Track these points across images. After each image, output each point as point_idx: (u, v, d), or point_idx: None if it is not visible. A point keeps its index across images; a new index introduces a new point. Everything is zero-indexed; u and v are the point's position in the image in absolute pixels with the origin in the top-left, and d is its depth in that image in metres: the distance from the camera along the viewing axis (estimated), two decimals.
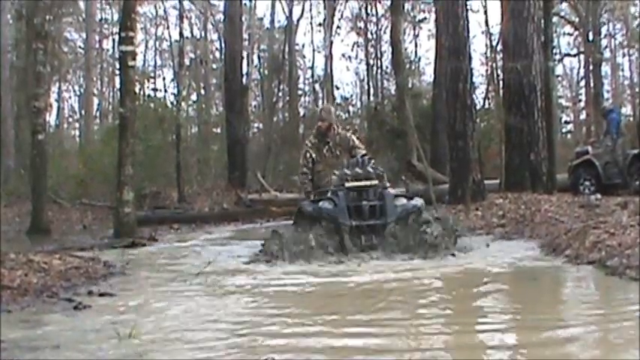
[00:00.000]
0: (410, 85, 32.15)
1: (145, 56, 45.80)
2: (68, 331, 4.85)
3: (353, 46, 42.71)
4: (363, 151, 10.66)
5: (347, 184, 9.41)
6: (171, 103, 31.84)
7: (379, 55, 40.44)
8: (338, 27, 41.36)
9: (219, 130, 37.89)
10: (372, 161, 10.15)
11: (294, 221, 9.83)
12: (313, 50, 43.07)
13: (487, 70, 32.99)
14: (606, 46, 42.11)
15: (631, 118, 35.13)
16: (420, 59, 43.65)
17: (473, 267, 7.72)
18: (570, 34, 42.05)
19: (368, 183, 9.44)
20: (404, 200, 9.52)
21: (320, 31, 41.96)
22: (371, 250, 8.84)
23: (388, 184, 9.85)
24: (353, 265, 8.16)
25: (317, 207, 9.34)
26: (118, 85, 20.88)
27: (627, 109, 40.61)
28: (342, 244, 8.87)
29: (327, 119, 10.84)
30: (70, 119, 49.45)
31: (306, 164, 10.49)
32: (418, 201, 9.73)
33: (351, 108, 42.70)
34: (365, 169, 9.65)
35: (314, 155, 10.48)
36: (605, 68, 41.94)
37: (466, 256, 8.58)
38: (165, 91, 42.18)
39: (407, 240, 8.92)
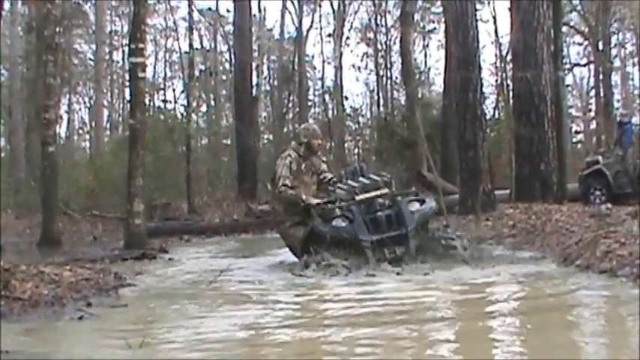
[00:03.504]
0: (420, 96, 32.18)
1: (154, 68, 46.07)
2: (78, 342, 4.85)
3: (363, 57, 42.84)
4: (331, 175, 10.16)
5: (357, 197, 9.01)
6: (181, 114, 31.94)
7: (389, 65, 40.50)
8: (347, 38, 41.59)
9: (229, 142, 37.96)
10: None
11: (303, 244, 9.20)
12: (323, 61, 43.23)
13: (497, 80, 33.09)
14: (616, 56, 42.07)
15: None
16: (429, 69, 43.77)
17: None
18: (580, 44, 42.07)
19: (379, 192, 9.10)
20: (417, 205, 9.22)
21: (330, 41, 42.18)
22: (396, 262, 8.47)
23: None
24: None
25: (332, 226, 8.89)
26: (128, 97, 20.96)
27: (637, 119, 40.57)
28: (365, 261, 8.44)
29: (322, 139, 10.41)
30: (81, 131, 49.68)
31: (288, 176, 9.72)
32: (431, 202, 9.52)
33: (360, 119, 42.77)
34: (371, 179, 9.30)
35: (295, 167, 9.87)
36: (615, 78, 41.97)
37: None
38: (175, 102, 42.46)
39: (434, 251, 8.72)
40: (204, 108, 43.75)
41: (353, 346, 4.55)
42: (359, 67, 43.14)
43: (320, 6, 41.17)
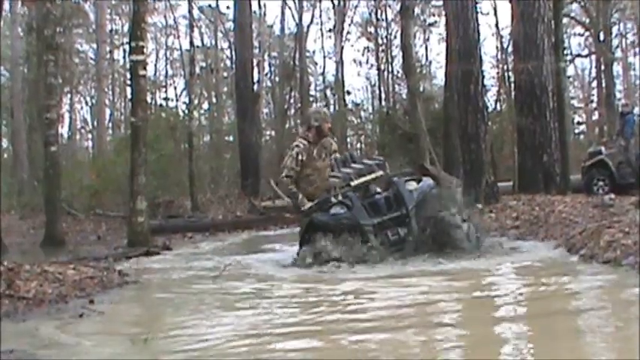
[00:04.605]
0: (421, 89, 32.09)
1: (155, 66, 46.06)
2: (83, 339, 4.86)
3: (363, 52, 42.77)
4: (339, 156, 9.82)
5: (353, 183, 8.90)
6: (183, 112, 31.92)
7: (390, 59, 40.42)
8: (348, 32, 41.51)
9: (231, 138, 37.96)
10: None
11: (303, 236, 9.06)
12: (324, 56, 43.17)
13: (498, 73, 33.02)
14: (617, 46, 42.01)
15: None
16: (430, 63, 43.66)
17: None
18: (581, 35, 42.01)
19: (374, 176, 9.02)
20: (415, 184, 9.07)
21: (330, 37, 42.09)
22: (400, 244, 8.46)
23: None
24: None
25: (331, 215, 8.73)
26: (129, 95, 20.97)
27: (638, 109, 40.51)
28: (369, 247, 8.38)
29: (328, 121, 10.14)
30: (83, 130, 49.68)
31: (294, 167, 9.63)
32: (428, 180, 9.33)
33: (362, 113, 42.74)
34: (364, 164, 9.22)
35: (305, 158, 9.71)
36: (617, 68, 41.89)
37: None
38: (177, 100, 42.36)
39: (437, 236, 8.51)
40: (205, 105, 43.77)
41: (359, 347, 4.53)
42: (360, 62, 43.14)
43: (320, 1, 41.14)
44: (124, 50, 41.39)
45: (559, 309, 5.35)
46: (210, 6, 40.97)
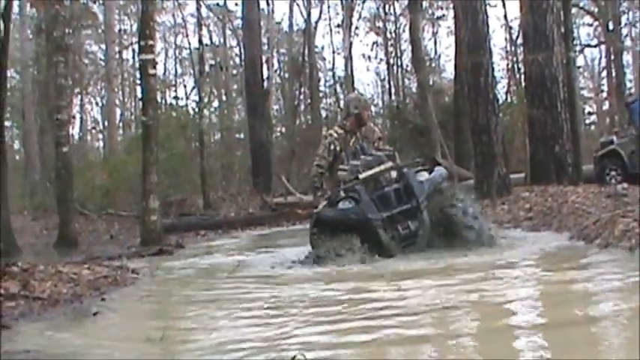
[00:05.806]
0: (431, 83, 32.07)
1: (165, 65, 46.21)
2: (98, 338, 4.86)
3: (372, 46, 42.81)
4: (387, 147, 9.62)
5: (361, 176, 8.50)
6: (193, 110, 31.96)
7: (399, 53, 40.50)
8: (357, 27, 41.47)
9: (242, 136, 38.01)
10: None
11: (312, 234, 8.63)
12: (333, 52, 43.19)
13: (508, 64, 32.95)
14: (627, 35, 41.85)
15: None
16: (440, 56, 43.71)
17: None
18: (590, 25, 41.91)
19: (382, 167, 8.61)
20: (426, 174, 8.75)
21: (339, 32, 42.06)
22: (411, 238, 8.17)
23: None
24: None
25: (339, 209, 8.41)
26: (139, 95, 21.02)
27: None
28: (379, 242, 8.12)
29: (368, 108, 9.87)
30: (94, 131, 49.78)
31: (326, 157, 9.24)
32: (440, 170, 9.10)
33: (373, 108, 42.72)
34: (373, 155, 8.81)
35: (338, 148, 9.27)
36: (627, 57, 41.74)
37: None
38: (187, 98, 42.42)
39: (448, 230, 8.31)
40: (215, 103, 43.82)
41: (374, 350, 4.50)
42: (369, 57, 43.18)
43: None
44: (133, 50, 41.54)
45: (580, 302, 5.32)
46: (218, 4, 40.99)
